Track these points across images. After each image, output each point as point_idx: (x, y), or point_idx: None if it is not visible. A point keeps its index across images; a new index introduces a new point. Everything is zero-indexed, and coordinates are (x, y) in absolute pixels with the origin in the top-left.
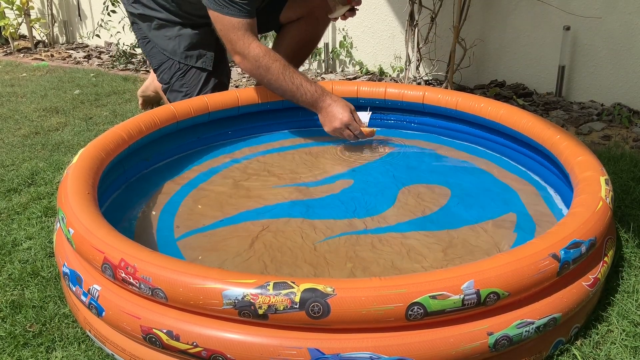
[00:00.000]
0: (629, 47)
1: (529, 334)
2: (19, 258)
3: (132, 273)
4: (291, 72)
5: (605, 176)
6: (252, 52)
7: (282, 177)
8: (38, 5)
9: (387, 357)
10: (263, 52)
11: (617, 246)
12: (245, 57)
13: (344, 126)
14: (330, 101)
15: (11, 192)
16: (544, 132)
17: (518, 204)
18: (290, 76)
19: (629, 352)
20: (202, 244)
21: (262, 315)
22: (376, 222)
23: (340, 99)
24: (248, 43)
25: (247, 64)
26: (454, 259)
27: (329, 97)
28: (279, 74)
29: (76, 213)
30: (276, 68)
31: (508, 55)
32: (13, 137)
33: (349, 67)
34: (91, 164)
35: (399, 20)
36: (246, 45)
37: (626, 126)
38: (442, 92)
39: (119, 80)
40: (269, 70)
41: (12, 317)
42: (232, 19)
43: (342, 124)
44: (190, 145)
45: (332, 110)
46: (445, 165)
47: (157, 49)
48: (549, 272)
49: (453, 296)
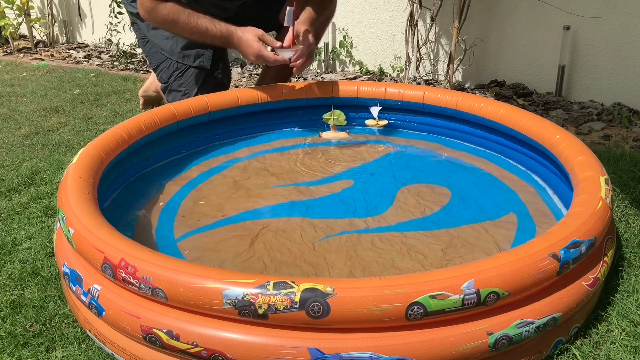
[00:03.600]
0: (629, 47)
1: (528, 334)
2: (19, 258)
3: (132, 273)
4: (195, 19)
5: (605, 176)
6: (159, 11)
7: (282, 177)
8: (38, 5)
9: (387, 357)
10: (167, 10)
11: (617, 246)
12: (151, 13)
13: (257, 58)
14: (239, 37)
15: (11, 192)
16: (544, 132)
17: (518, 203)
18: (196, 24)
19: (628, 351)
20: (202, 244)
21: (262, 315)
22: (376, 221)
23: (247, 32)
24: (156, 3)
25: (151, 18)
26: (454, 258)
27: (237, 33)
28: (184, 25)
29: (76, 213)
30: (182, 20)
31: (508, 55)
32: (13, 137)
33: (349, 67)
34: (91, 163)
35: (399, 20)
36: (153, 4)
37: (626, 126)
38: (442, 92)
39: (119, 80)
40: (177, 24)
41: (12, 317)
42: None
43: (256, 56)
44: (190, 145)
45: (243, 47)
46: (445, 165)
47: (156, 48)
48: (549, 272)
49: (453, 296)
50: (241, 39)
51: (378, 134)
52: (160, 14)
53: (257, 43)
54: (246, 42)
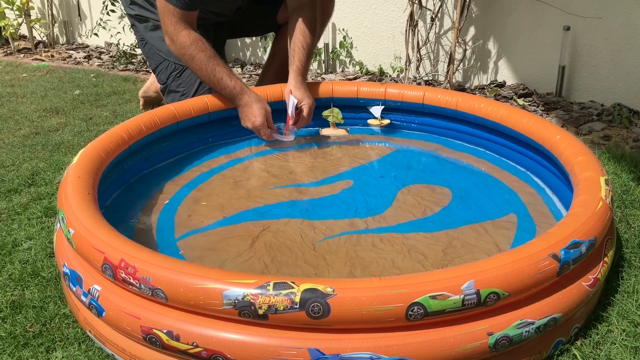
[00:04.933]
0: (629, 48)
1: (529, 334)
2: (19, 258)
3: (132, 273)
4: (214, 64)
5: (605, 176)
6: (180, 39)
7: (282, 177)
8: (38, 6)
9: (387, 357)
10: (190, 41)
11: (617, 246)
12: (174, 42)
13: (254, 129)
14: (248, 101)
15: (11, 193)
16: (544, 133)
17: (518, 204)
18: (213, 69)
19: (629, 352)
20: (202, 244)
21: (262, 315)
22: (376, 222)
23: (258, 101)
24: (179, 30)
25: (174, 48)
26: (454, 258)
27: (247, 96)
28: (201, 64)
29: (76, 213)
30: (200, 59)
31: (508, 55)
32: (13, 138)
33: (349, 68)
34: (91, 164)
35: (399, 21)
36: (177, 31)
37: (626, 126)
38: (442, 92)
39: (119, 81)
40: (193, 60)
41: (12, 317)
42: (169, 4)
43: (253, 127)
44: (190, 146)
45: (246, 111)
46: (446, 165)
47: (154, 50)
48: (549, 272)
49: (453, 296)
50: (250, 103)
51: (378, 135)
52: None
53: (263, 117)
54: (253, 109)
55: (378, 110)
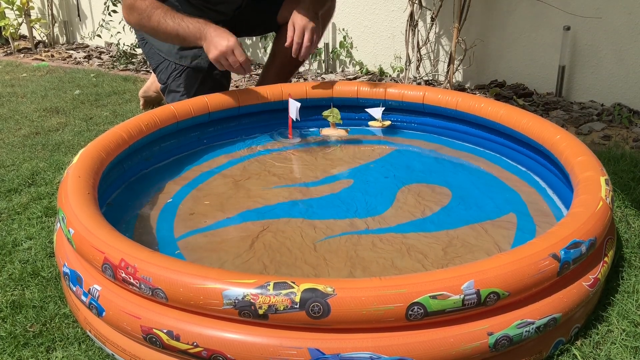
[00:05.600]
0: (629, 48)
1: (529, 334)
2: (20, 258)
3: (133, 273)
4: (173, 13)
5: (605, 176)
6: (137, 5)
7: (282, 177)
8: (38, 5)
9: (387, 357)
10: (146, 5)
11: (617, 246)
12: (131, 9)
13: (223, 55)
14: (214, 31)
15: (11, 192)
16: (544, 132)
17: (518, 204)
18: (172, 16)
19: (629, 352)
20: (202, 244)
21: (263, 315)
22: (376, 222)
23: (224, 31)
24: None
25: (132, 16)
26: (454, 258)
27: (213, 29)
28: (159, 17)
29: (76, 213)
30: (158, 14)
31: (508, 55)
32: (13, 138)
33: (349, 67)
34: (91, 164)
35: (399, 21)
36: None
37: (626, 126)
38: (442, 92)
39: (119, 81)
40: (151, 18)
41: (12, 317)
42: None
43: (221, 53)
44: (190, 146)
45: (213, 40)
46: (445, 165)
47: (154, 49)
48: (549, 272)
49: (453, 296)
50: (218, 29)
51: (378, 135)
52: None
53: (235, 38)
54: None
55: (378, 112)
